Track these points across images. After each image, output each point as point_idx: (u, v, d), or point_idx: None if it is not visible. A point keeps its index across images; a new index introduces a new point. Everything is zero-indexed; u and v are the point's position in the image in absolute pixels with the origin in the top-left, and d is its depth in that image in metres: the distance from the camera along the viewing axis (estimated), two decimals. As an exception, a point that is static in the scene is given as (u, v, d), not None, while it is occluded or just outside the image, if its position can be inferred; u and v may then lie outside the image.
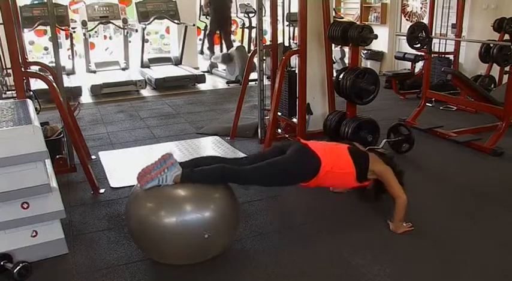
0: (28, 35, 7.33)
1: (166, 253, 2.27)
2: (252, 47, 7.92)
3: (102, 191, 3.28)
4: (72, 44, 7.15)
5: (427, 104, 4.90)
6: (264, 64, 4.20)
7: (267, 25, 5.59)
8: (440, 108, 5.42)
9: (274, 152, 2.65)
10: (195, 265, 2.34)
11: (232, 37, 9.69)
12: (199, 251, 2.27)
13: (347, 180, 2.64)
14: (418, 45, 4.69)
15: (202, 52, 8.94)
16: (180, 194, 2.24)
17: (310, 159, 2.53)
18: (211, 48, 8.40)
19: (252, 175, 2.44)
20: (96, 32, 8.24)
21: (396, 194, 2.61)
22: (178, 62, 7.97)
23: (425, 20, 5.52)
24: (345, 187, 2.89)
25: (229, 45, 8.29)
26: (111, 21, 7.44)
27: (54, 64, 3.36)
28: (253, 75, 4.78)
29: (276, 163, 2.50)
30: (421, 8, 7.20)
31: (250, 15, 8.06)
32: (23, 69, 3.23)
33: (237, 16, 8.54)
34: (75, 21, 7.43)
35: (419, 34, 4.63)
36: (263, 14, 4.21)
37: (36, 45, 8.47)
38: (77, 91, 6.25)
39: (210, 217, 2.20)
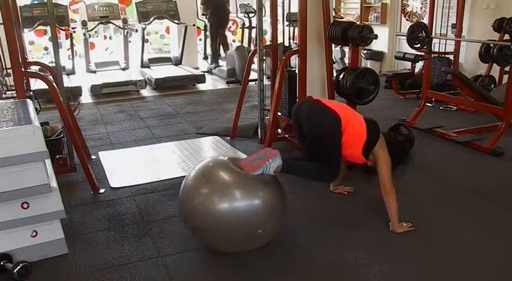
0: (28, 35, 7.32)
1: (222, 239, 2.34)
2: (252, 47, 7.91)
3: (102, 191, 3.28)
4: (72, 44, 7.14)
5: (427, 104, 4.90)
6: (264, 64, 4.20)
7: (267, 25, 5.59)
8: (440, 108, 5.42)
9: (299, 132, 2.71)
10: (193, 265, 2.34)
11: (232, 37, 9.71)
12: (246, 242, 2.36)
13: (356, 145, 2.59)
14: (418, 45, 4.69)
15: (206, 57, 8.80)
16: (234, 183, 2.29)
17: (329, 118, 2.56)
18: (216, 59, 8.27)
19: (324, 170, 2.57)
20: (96, 32, 8.24)
21: (384, 186, 2.59)
22: (178, 62, 7.97)
23: (425, 20, 5.52)
24: (350, 156, 2.73)
25: (226, 46, 8.26)
26: (111, 21, 7.44)
27: (54, 64, 3.36)
28: (253, 75, 4.79)
29: (325, 157, 2.56)
30: (421, 8, 7.20)
31: (250, 15, 8.05)
32: (23, 69, 3.23)
33: (237, 16, 8.54)
34: (75, 21, 7.42)
35: (419, 34, 4.63)
36: (263, 14, 4.21)
37: (36, 45, 8.47)
38: (77, 91, 6.25)
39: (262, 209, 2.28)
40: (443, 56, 6.08)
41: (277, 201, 2.37)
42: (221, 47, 8.46)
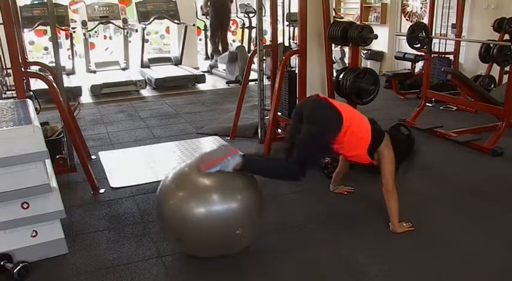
0: (28, 35, 7.32)
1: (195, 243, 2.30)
2: (252, 47, 7.91)
3: (102, 191, 3.28)
4: (72, 44, 7.15)
5: (427, 104, 4.90)
6: (264, 64, 4.20)
7: (267, 25, 5.59)
8: (440, 108, 5.42)
9: (295, 124, 2.63)
10: (193, 265, 2.34)
11: (232, 37, 9.71)
12: (226, 244, 2.32)
13: (361, 146, 2.58)
14: (418, 45, 4.69)
15: (207, 57, 8.76)
16: (209, 185, 2.26)
17: (330, 114, 2.52)
18: (216, 51, 8.31)
19: (295, 168, 2.46)
20: (96, 32, 8.24)
21: (386, 185, 2.59)
22: (178, 62, 7.97)
23: (425, 20, 5.52)
24: (356, 157, 2.72)
25: (226, 46, 8.26)
26: (111, 21, 7.44)
27: (54, 64, 3.36)
28: (253, 75, 4.79)
29: (305, 141, 2.47)
30: (421, 8, 7.20)
31: (250, 15, 8.05)
32: (23, 69, 3.23)
33: (237, 16, 8.54)
34: (75, 21, 7.42)
35: (419, 34, 4.63)
36: (263, 14, 4.21)
37: (36, 45, 8.47)
38: (77, 91, 6.25)
39: (240, 210, 2.24)
40: (443, 56, 6.08)
41: (254, 202, 2.32)
42: (220, 46, 8.47)
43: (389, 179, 2.60)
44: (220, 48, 8.35)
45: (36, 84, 4.98)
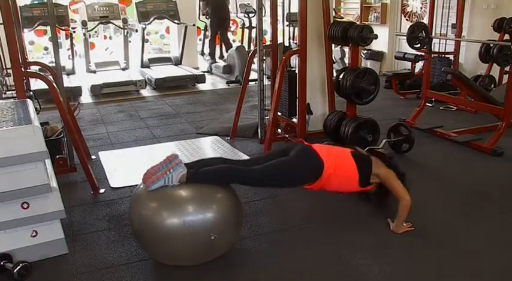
0: (28, 35, 7.32)
1: (170, 253, 2.27)
2: (252, 47, 7.91)
3: (102, 191, 3.28)
4: (72, 44, 7.14)
5: (427, 104, 4.90)
6: (264, 64, 4.20)
7: (267, 25, 5.59)
8: (440, 108, 5.42)
9: (277, 154, 2.64)
10: (194, 265, 2.34)
11: (232, 37, 9.71)
12: (204, 252, 2.28)
13: (350, 184, 2.63)
14: (418, 45, 4.69)
15: (203, 53, 8.94)
16: (183, 194, 2.23)
17: (313, 160, 2.53)
18: (212, 55, 8.37)
19: (256, 176, 2.43)
20: (96, 32, 8.24)
21: (400, 195, 2.61)
22: (178, 62, 7.97)
23: (425, 20, 5.52)
24: (348, 192, 2.81)
25: (228, 45, 8.29)
26: (111, 21, 7.44)
27: (54, 64, 3.36)
28: (253, 75, 4.79)
29: (280, 164, 2.49)
30: (421, 8, 7.20)
31: (250, 15, 8.05)
32: (23, 69, 3.23)
33: (237, 16, 8.54)
34: (75, 21, 7.42)
35: (419, 34, 4.63)
36: (263, 14, 4.21)
37: (36, 45, 8.47)
38: (77, 91, 6.25)
39: (214, 217, 2.20)
40: (443, 56, 6.08)
41: (228, 207, 2.28)
42: (223, 47, 8.49)
43: (399, 189, 2.62)
44: (223, 49, 8.43)
45: (36, 84, 4.98)
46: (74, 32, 7.16)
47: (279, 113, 4.14)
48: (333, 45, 4.20)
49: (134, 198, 2.34)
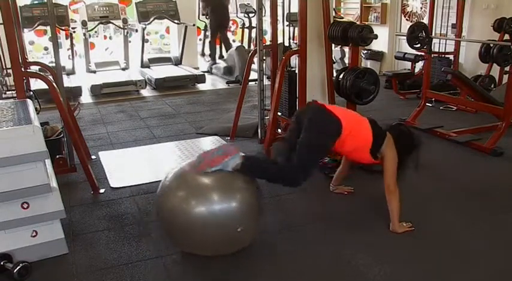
0: (28, 35, 7.32)
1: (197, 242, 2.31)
2: (252, 47, 7.91)
3: (102, 191, 3.28)
4: (72, 44, 7.14)
5: (427, 104, 4.90)
6: (264, 64, 4.20)
7: (267, 25, 5.59)
8: (440, 108, 5.42)
9: (294, 129, 2.65)
10: (192, 265, 2.34)
11: (232, 37, 9.71)
12: (228, 243, 2.32)
13: (362, 150, 2.61)
14: (418, 45, 4.69)
15: (203, 54, 8.91)
16: (210, 183, 2.26)
17: (329, 121, 2.55)
18: (213, 56, 8.35)
19: (297, 172, 2.48)
20: (96, 32, 8.24)
21: (388, 185, 2.59)
22: (178, 62, 7.97)
23: (425, 20, 5.52)
24: (358, 159, 2.77)
25: (228, 46, 8.29)
26: (111, 21, 7.44)
27: (54, 64, 3.36)
28: (253, 75, 4.79)
29: (306, 148, 2.51)
30: (421, 8, 7.20)
31: (250, 15, 8.05)
32: (23, 69, 3.23)
33: (237, 16, 8.54)
34: (75, 21, 7.42)
35: (419, 34, 4.63)
36: (263, 14, 4.21)
37: (36, 45, 8.47)
38: (77, 91, 6.25)
39: (239, 208, 2.25)
40: (443, 56, 6.07)
41: (254, 200, 2.33)
42: (223, 47, 8.49)
43: (391, 179, 2.60)
44: (223, 49, 8.41)
45: (36, 84, 4.98)
46: (74, 32, 7.16)
47: (279, 113, 4.14)
48: (333, 45, 4.19)
49: (164, 187, 2.37)
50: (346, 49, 6.16)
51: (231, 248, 2.37)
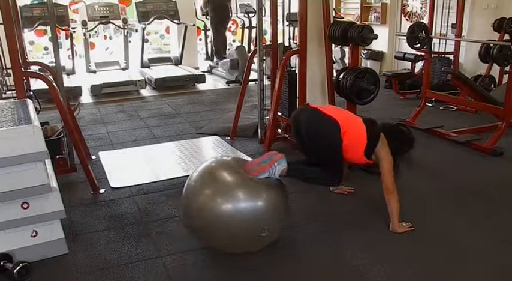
0: (28, 35, 7.32)
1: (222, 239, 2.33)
2: (252, 47, 7.91)
3: (102, 191, 3.28)
4: (72, 44, 7.14)
5: (427, 104, 4.90)
6: (264, 64, 4.20)
7: (267, 25, 5.59)
8: (440, 108, 5.42)
9: (298, 139, 2.72)
10: (192, 265, 2.34)
11: (232, 37, 9.70)
12: (253, 242, 2.34)
13: (357, 150, 2.61)
14: (418, 45, 4.69)
15: (208, 58, 8.62)
16: (237, 182, 2.30)
17: (328, 124, 2.58)
18: (219, 54, 8.17)
19: (334, 175, 2.64)
20: (96, 32, 8.24)
21: (386, 185, 2.59)
22: (178, 62, 7.97)
23: (425, 20, 5.52)
24: (352, 158, 2.76)
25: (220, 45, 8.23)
26: (111, 21, 7.44)
27: (54, 64, 3.36)
28: (253, 75, 4.79)
29: (326, 159, 2.61)
30: (421, 8, 7.19)
31: (250, 15, 8.05)
32: (23, 69, 3.23)
33: (237, 16, 8.53)
34: (75, 21, 7.42)
35: (419, 34, 4.63)
36: (263, 14, 4.21)
37: (36, 45, 8.46)
38: (77, 91, 6.25)
39: (265, 207, 2.28)
40: (443, 56, 6.07)
41: (281, 203, 2.37)
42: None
43: (389, 179, 2.60)
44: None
45: (36, 84, 4.98)
46: (74, 32, 7.15)
47: (279, 113, 4.14)
48: (333, 45, 4.19)
49: (190, 185, 2.38)
50: (346, 49, 6.15)
51: (251, 248, 2.39)
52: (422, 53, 5.13)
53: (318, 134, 2.61)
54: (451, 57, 6.08)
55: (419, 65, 6.32)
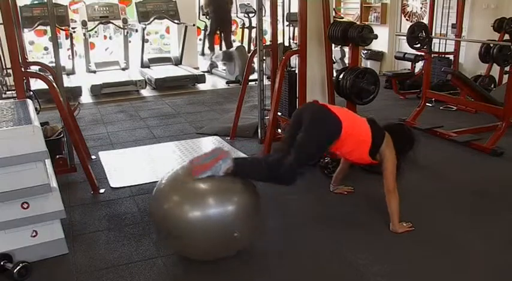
0: (28, 35, 7.32)
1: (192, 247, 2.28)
2: (252, 47, 7.91)
3: (102, 191, 3.28)
4: (72, 44, 7.14)
5: (427, 104, 4.90)
6: (264, 64, 4.20)
7: (267, 25, 5.59)
8: (440, 108, 5.42)
9: (294, 127, 2.63)
10: (192, 265, 2.34)
11: (233, 37, 9.70)
12: (223, 247, 2.29)
13: (362, 150, 2.61)
14: (418, 45, 4.69)
15: (203, 53, 8.92)
16: (205, 188, 2.23)
17: (331, 121, 2.55)
18: (211, 48, 8.38)
19: (289, 171, 2.43)
20: (96, 32, 8.24)
21: (387, 185, 2.59)
22: (178, 62, 7.97)
23: (425, 20, 5.52)
24: (358, 160, 2.76)
25: (229, 45, 8.29)
26: (111, 21, 7.44)
27: (54, 64, 3.36)
28: (253, 75, 4.79)
29: (305, 144, 2.50)
30: (421, 8, 7.20)
31: (250, 15, 8.05)
32: (23, 69, 3.23)
33: (237, 16, 8.54)
34: (75, 21, 7.42)
35: (419, 34, 4.63)
36: (263, 14, 4.21)
37: (36, 45, 8.47)
38: (77, 91, 6.26)
39: (235, 212, 2.21)
40: (443, 56, 6.08)
41: (251, 204, 2.30)
42: (223, 47, 8.48)
43: (390, 179, 2.60)
44: (223, 48, 8.40)
45: (36, 84, 4.98)
46: (74, 32, 7.16)
47: (279, 113, 4.14)
48: (333, 45, 4.19)
49: (157, 192, 2.32)
50: (346, 49, 6.15)
51: (225, 252, 2.33)
52: (422, 53, 5.13)
53: (318, 123, 2.57)
54: (451, 57, 6.09)
55: (419, 65, 6.32)
